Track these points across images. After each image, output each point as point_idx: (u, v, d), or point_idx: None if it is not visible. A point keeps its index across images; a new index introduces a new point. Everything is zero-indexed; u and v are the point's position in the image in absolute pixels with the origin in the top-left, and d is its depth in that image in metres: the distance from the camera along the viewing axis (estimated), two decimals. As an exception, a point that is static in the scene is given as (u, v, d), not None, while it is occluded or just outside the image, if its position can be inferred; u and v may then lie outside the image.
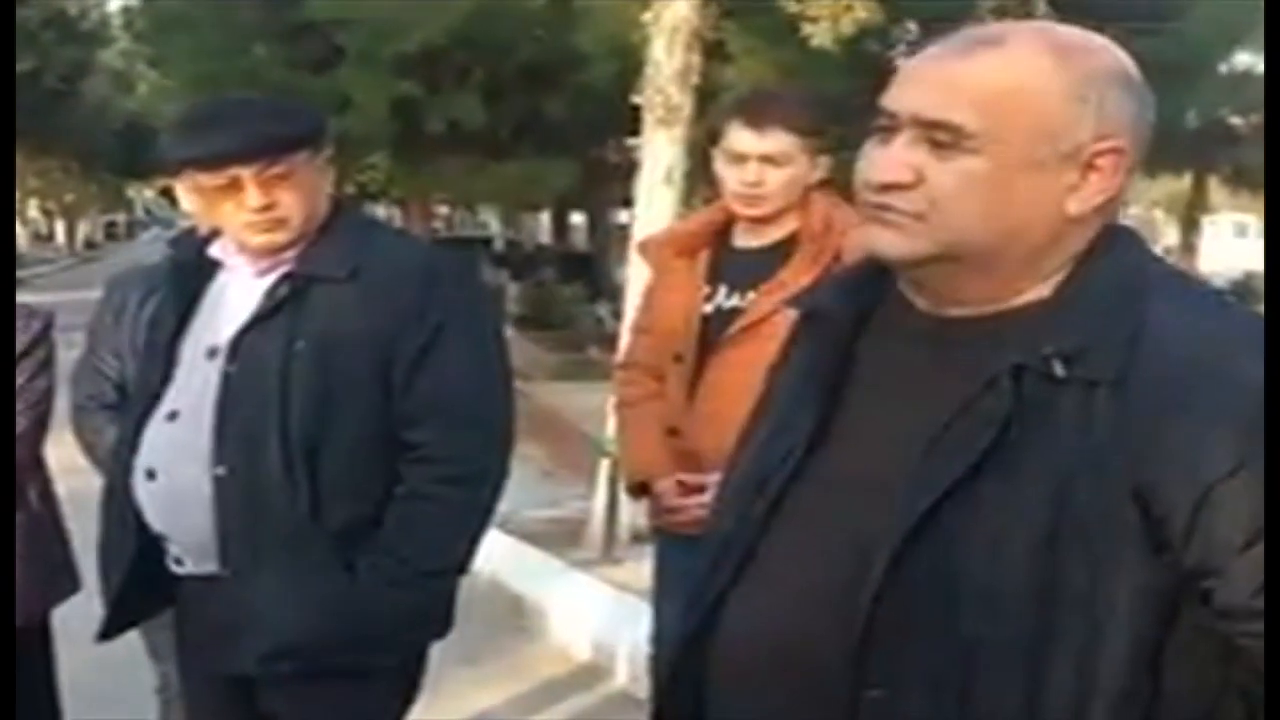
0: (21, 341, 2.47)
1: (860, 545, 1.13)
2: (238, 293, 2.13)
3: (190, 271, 2.20)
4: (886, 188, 1.16)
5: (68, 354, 2.67)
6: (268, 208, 2.04)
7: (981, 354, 1.14)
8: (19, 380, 2.45)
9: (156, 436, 2.10)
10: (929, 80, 1.16)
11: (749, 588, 1.22)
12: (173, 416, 2.10)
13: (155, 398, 2.13)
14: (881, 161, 1.16)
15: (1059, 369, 1.10)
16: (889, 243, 1.17)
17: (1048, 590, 1.09)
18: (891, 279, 1.24)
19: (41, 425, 2.51)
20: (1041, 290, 1.16)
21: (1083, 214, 1.15)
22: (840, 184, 2.83)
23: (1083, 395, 1.10)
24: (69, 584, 2.63)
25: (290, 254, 2.11)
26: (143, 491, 2.11)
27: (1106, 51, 1.18)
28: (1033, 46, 1.15)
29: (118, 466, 2.16)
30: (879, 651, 1.12)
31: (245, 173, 2.03)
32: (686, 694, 1.27)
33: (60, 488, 2.65)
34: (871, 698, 1.12)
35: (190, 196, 2.25)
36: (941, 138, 1.13)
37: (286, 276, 2.09)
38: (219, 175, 2.03)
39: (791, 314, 1.37)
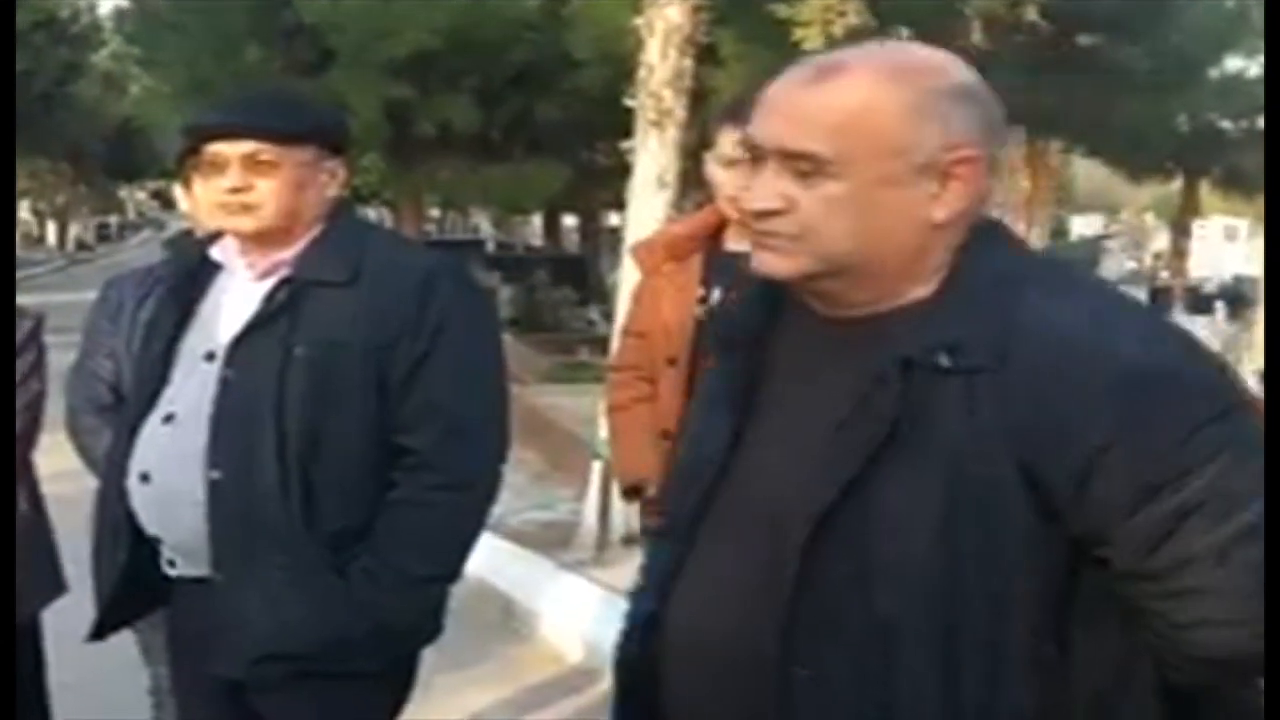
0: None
1: (779, 535, 1.22)
2: (236, 296, 2.13)
3: (189, 274, 2.20)
4: (762, 215, 1.25)
5: (60, 355, 2.67)
6: (239, 190, 2.04)
7: (873, 352, 1.23)
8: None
9: (152, 439, 2.11)
10: (784, 112, 1.25)
11: (687, 581, 1.32)
12: (169, 419, 2.10)
13: (152, 400, 2.13)
14: (755, 191, 1.26)
15: (944, 360, 1.19)
16: (773, 264, 1.27)
17: (951, 569, 1.17)
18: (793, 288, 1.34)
19: (33, 427, 2.51)
20: (923, 289, 1.25)
21: (948, 219, 1.23)
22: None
23: (967, 383, 1.18)
24: (55, 587, 2.63)
25: (288, 257, 2.11)
26: (137, 494, 2.11)
27: (946, 68, 1.26)
28: (873, 72, 1.23)
29: (112, 468, 2.16)
30: (803, 635, 1.21)
31: (231, 153, 2.04)
32: (645, 682, 1.36)
33: (48, 490, 2.65)
34: (798, 676, 1.21)
35: (190, 192, 2.26)
36: (803, 166, 1.23)
37: (285, 281, 2.09)
38: (208, 152, 2.06)
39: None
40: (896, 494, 1.19)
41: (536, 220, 28.71)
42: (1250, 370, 7.91)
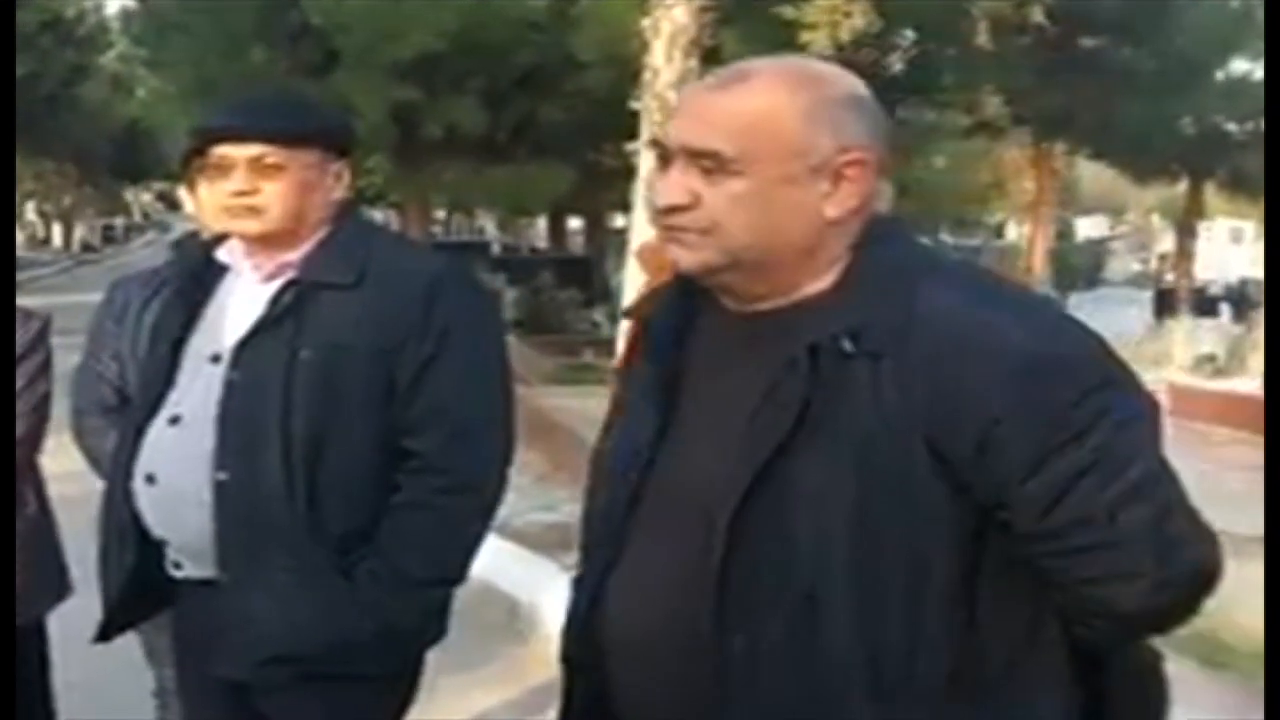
0: (19, 344, 2.47)
1: (705, 518, 1.31)
2: (242, 298, 2.13)
3: (196, 276, 2.21)
4: (671, 210, 1.34)
5: (65, 357, 2.67)
6: (245, 193, 2.05)
7: (780, 342, 1.32)
8: (17, 383, 2.45)
9: (158, 441, 2.11)
10: (692, 114, 1.35)
11: (621, 575, 1.41)
12: (175, 421, 2.11)
13: (157, 402, 2.13)
14: (663, 187, 1.36)
15: (847, 345, 1.28)
16: (682, 258, 1.36)
17: (866, 536, 1.27)
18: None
19: (40, 428, 2.52)
20: (823, 281, 1.35)
21: (840, 216, 1.34)
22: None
23: (871, 367, 1.28)
24: (61, 589, 2.64)
25: (295, 259, 2.11)
26: (143, 495, 2.11)
27: (838, 79, 1.37)
28: (773, 80, 1.34)
29: (118, 470, 2.16)
30: (734, 609, 1.30)
31: (237, 155, 2.04)
32: (589, 668, 1.44)
33: (54, 491, 2.65)
34: (732, 643, 1.30)
35: (195, 194, 2.26)
36: (708, 164, 1.32)
37: (290, 283, 2.09)
38: (214, 155, 2.06)
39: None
40: (810, 475, 1.28)
41: (542, 222, 28.73)
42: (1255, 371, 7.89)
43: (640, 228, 5.69)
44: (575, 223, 25.71)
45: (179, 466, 2.07)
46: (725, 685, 1.30)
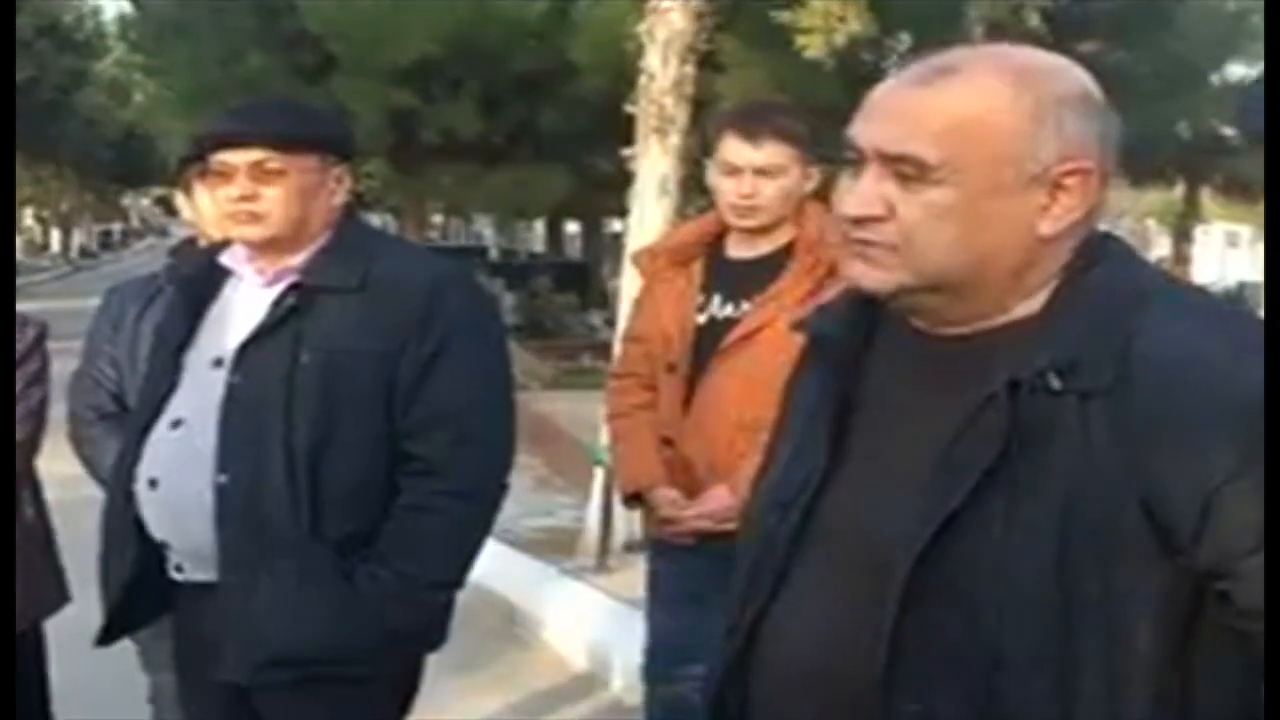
0: (16, 350, 2.47)
1: (880, 566, 1.15)
2: (244, 302, 2.14)
3: (198, 280, 2.21)
4: (859, 221, 1.18)
5: (63, 363, 2.67)
6: (246, 199, 2.05)
7: (978, 372, 1.15)
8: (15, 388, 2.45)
9: (160, 445, 2.11)
10: (889, 113, 1.18)
11: (781, 612, 1.24)
12: (177, 425, 2.11)
13: (160, 406, 2.13)
14: (852, 195, 1.18)
15: (1054, 382, 1.11)
16: (866, 276, 1.19)
17: (1064, 599, 1.10)
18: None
19: (37, 434, 2.52)
20: (1031, 305, 1.18)
21: (1056, 233, 1.16)
22: (826, 193, 2.86)
23: (1080, 407, 1.11)
24: (59, 596, 2.63)
25: (297, 264, 2.12)
26: (144, 499, 2.11)
27: (1065, 73, 1.19)
28: (989, 74, 1.17)
29: (120, 473, 2.17)
30: (908, 668, 1.13)
31: (238, 161, 2.04)
32: (734, 709, 1.28)
33: (51, 497, 2.66)
34: (907, 711, 1.14)
35: (192, 199, 2.27)
36: (906, 170, 1.15)
37: (293, 287, 2.10)
38: (214, 160, 2.07)
39: (784, 327, 1.37)
40: (1006, 522, 1.11)
41: (539, 226, 28.72)
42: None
43: (637, 232, 5.69)
44: (572, 227, 25.71)
45: (181, 470, 2.08)
46: None
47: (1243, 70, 16.38)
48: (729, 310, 2.73)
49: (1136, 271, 1.21)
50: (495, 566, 5.05)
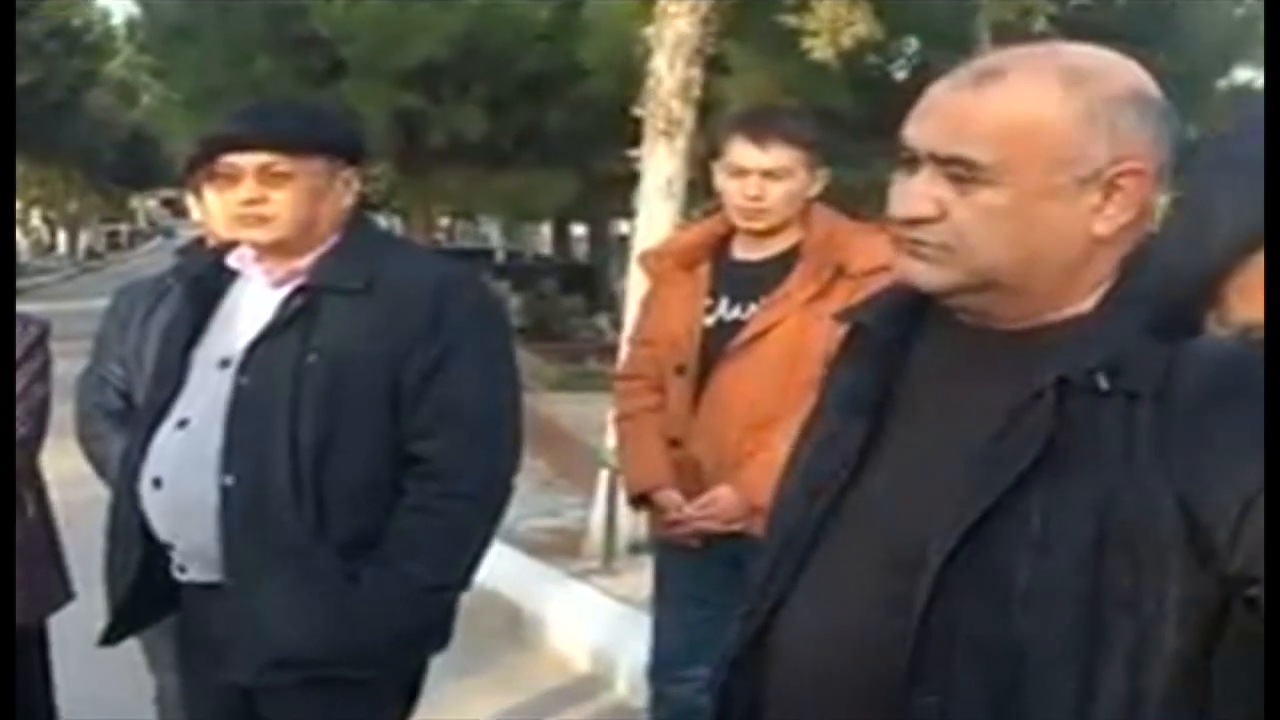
0: (17, 349, 2.48)
1: (911, 554, 1.15)
2: (252, 303, 2.14)
3: (206, 281, 2.22)
4: (912, 222, 1.18)
5: (69, 364, 2.68)
6: (254, 202, 2.05)
7: (1026, 368, 1.15)
8: (16, 387, 2.46)
9: (165, 444, 2.12)
10: (942, 114, 1.18)
11: (804, 595, 1.24)
12: (183, 425, 2.11)
13: (166, 406, 2.14)
14: (905, 196, 1.19)
15: (1103, 382, 1.11)
16: (921, 275, 1.20)
17: (1094, 595, 1.10)
18: None
19: (38, 433, 2.52)
20: (1082, 305, 1.18)
21: (1110, 234, 1.16)
22: (832, 196, 2.86)
23: (1125, 407, 1.11)
24: (62, 594, 2.64)
25: (305, 265, 2.12)
26: (149, 499, 2.12)
27: (1119, 72, 1.18)
28: (1042, 73, 1.16)
29: (125, 473, 2.17)
30: (932, 657, 1.14)
31: (246, 164, 2.04)
32: (743, 696, 1.28)
33: (55, 496, 2.66)
34: (925, 704, 1.14)
35: (202, 200, 2.28)
36: (958, 171, 1.15)
37: (300, 288, 2.10)
38: (222, 163, 2.07)
39: (791, 329, 1.35)
40: (1043, 517, 1.11)
41: (546, 229, 28.72)
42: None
43: (644, 234, 5.69)
44: (579, 229, 25.73)
45: (186, 470, 2.08)
46: None
47: (1250, 75, 16.36)
48: (737, 313, 2.73)
49: None
50: (500, 568, 5.05)
